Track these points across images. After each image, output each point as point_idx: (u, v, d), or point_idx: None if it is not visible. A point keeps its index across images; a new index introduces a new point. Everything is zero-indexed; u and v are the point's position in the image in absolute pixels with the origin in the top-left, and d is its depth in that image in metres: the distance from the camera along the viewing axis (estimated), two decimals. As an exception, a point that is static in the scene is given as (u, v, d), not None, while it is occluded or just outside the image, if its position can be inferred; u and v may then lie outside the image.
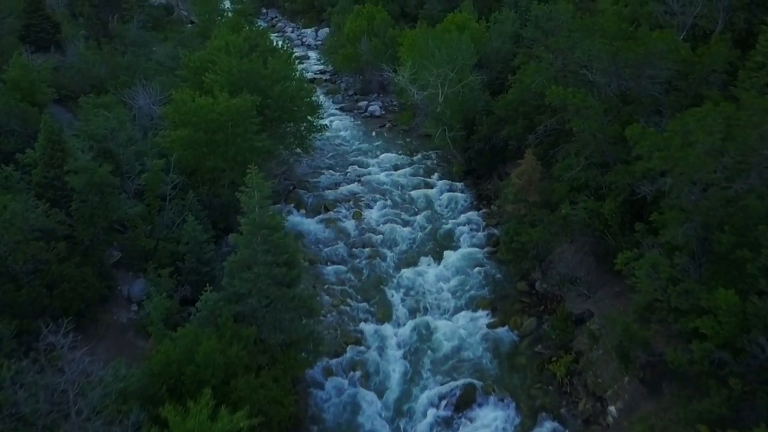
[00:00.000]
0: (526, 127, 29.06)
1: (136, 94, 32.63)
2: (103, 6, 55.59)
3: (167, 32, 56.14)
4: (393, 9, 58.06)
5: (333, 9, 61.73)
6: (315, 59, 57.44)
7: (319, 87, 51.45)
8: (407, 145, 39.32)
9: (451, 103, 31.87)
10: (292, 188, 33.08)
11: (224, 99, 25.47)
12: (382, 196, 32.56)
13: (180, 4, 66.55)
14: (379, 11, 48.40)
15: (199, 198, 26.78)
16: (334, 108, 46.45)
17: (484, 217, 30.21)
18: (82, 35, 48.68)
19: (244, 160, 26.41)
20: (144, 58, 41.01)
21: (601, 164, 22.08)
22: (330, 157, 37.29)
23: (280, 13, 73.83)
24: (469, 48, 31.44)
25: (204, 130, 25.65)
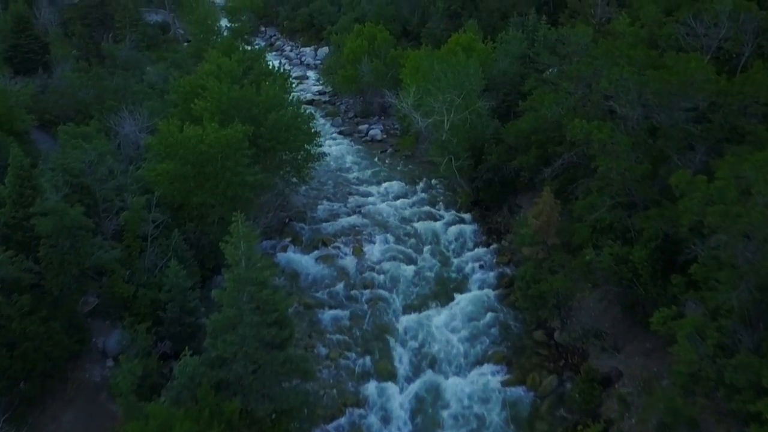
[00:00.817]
0: (539, 157, 27.00)
1: (122, 121, 30.69)
2: (96, 25, 54.09)
3: (162, 52, 54.49)
4: (394, 28, 56.45)
5: (332, 28, 60.20)
6: (314, 79, 55.66)
7: (318, 109, 49.60)
8: (410, 172, 37.24)
9: (457, 130, 29.84)
10: (287, 221, 30.91)
11: (214, 129, 23.42)
12: (384, 230, 30.38)
13: (177, 23, 64.99)
14: (380, 31, 46.65)
15: (186, 236, 24.63)
16: (333, 131, 44.49)
17: (495, 254, 28.00)
18: (73, 55, 47.07)
19: (234, 195, 24.37)
20: (135, 80, 39.18)
21: (627, 204, 19.92)
22: (329, 186, 35.17)
23: (279, 32, 72.30)
24: (477, 72, 29.50)
25: (192, 163, 23.57)
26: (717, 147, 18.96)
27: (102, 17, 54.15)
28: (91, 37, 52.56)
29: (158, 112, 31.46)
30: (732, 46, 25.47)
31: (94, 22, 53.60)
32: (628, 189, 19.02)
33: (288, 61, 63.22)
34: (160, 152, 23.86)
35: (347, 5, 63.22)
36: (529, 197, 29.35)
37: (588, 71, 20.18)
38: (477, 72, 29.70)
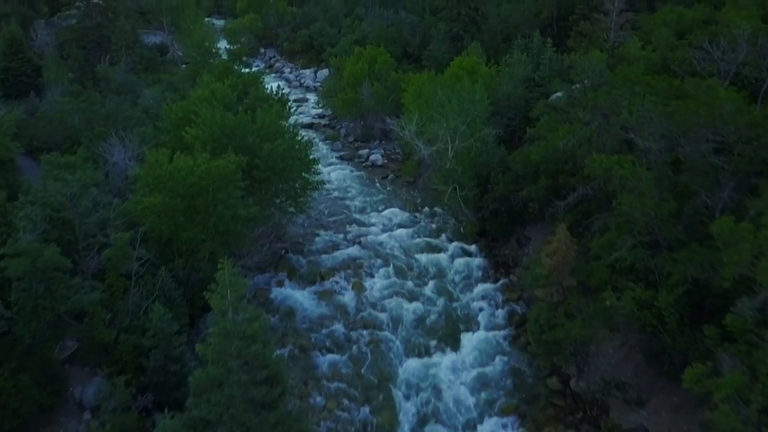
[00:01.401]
0: (549, 187, 25.59)
1: (111, 148, 29.37)
2: (92, 47, 53.17)
3: (160, 74, 53.54)
4: (395, 50, 55.64)
5: (332, 50, 59.40)
6: (313, 102, 54.50)
7: (318, 132, 48.41)
8: (412, 199, 35.81)
9: (462, 158, 28.48)
10: (284, 252, 29.35)
11: (205, 160, 22.01)
12: (385, 262, 28.81)
13: (175, 45, 64.26)
14: (381, 53, 45.66)
15: (174, 273, 23.07)
16: (333, 156, 43.20)
17: (503, 290, 26.39)
18: (68, 78, 46.09)
19: (226, 229, 22.87)
20: (129, 104, 37.94)
21: (649, 243, 18.41)
22: (327, 215, 33.69)
23: (279, 53, 71.59)
24: (482, 99, 28.20)
25: (181, 196, 22.11)
26: (746, 181, 17.55)
27: (98, 39, 53.24)
28: (87, 59, 51.67)
29: (150, 139, 30.12)
30: (751, 71, 24.28)
31: (90, 44, 52.68)
32: (651, 228, 17.54)
33: (287, 83, 62.34)
34: (148, 184, 22.40)
35: (347, 27, 62.60)
36: (539, 229, 27.90)
37: (606, 101, 18.83)
38: (483, 98, 28.43)
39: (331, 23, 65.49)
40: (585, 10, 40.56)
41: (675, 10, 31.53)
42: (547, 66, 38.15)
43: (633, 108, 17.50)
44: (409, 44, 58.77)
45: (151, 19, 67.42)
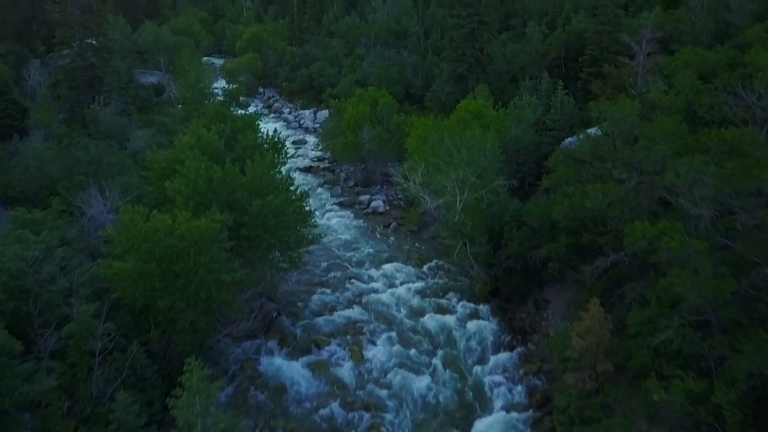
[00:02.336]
0: (570, 246, 23.03)
1: (90, 199, 26.99)
2: (84, 88, 51.52)
3: (154, 115, 51.82)
4: (397, 90, 54.09)
5: (332, 90, 57.90)
6: (313, 144, 52.53)
7: (316, 176, 46.26)
8: (416, 251, 33.21)
9: (471, 211, 26.02)
10: (275, 315, 26.54)
11: (185, 219, 19.49)
12: (388, 326, 26.01)
13: (171, 84, 62.88)
14: (383, 95, 43.84)
15: (148, 347, 20.30)
16: (332, 202, 40.85)
17: (521, 361, 23.51)
18: (57, 120, 44.24)
19: (209, 296, 20.19)
20: (116, 149, 35.80)
21: (698, 323, 15.71)
22: (324, 269, 31.01)
23: (278, 93, 70.25)
24: (494, 148, 25.93)
25: (158, 259, 19.52)
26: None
27: (91, 80, 51.63)
28: (78, 100, 50.00)
29: (133, 189, 27.84)
30: (791, 119, 22.08)
31: (81, 85, 51.05)
32: (703, 307, 14.92)
33: (286, 123, 60.66)
34: (122, 245, 19.83)
35: (348, 67, 61.32)
36: (558, 290, 25.21)
37: (645, 157, 16.45)
38: (494, 148, 26.14)
39: (332, 63, 64.30)
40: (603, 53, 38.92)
41: (696, 51, 29.63)
42: (559, 109, 36.29)
43: (681, 169, 15.15)
44: (411, 85, 57.35)
45: (148, 59, 66.24)
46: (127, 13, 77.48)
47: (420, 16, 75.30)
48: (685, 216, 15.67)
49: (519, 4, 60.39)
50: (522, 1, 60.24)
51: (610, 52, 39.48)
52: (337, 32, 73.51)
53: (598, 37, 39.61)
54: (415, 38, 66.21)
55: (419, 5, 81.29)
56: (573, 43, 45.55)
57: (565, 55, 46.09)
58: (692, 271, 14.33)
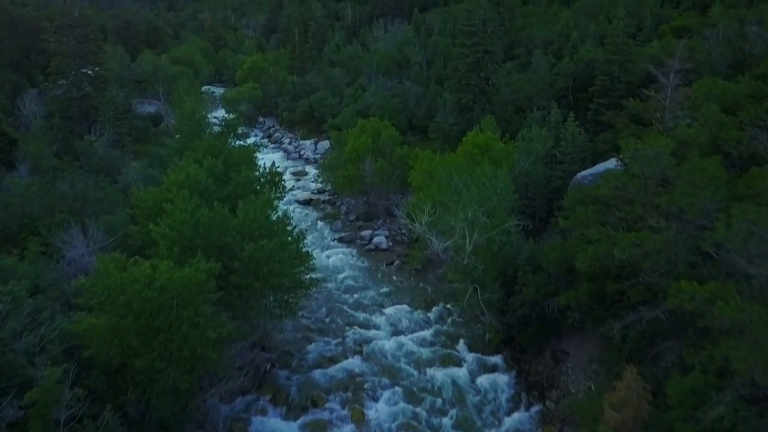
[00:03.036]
0: (592, 293, 20.97)
1: (72, 239, 25.13)
2: (78, 119, 50.24)
3: (151, 145, 50.33)
4: (399, 121, 52.75)
5: (333, 120, 56.60)
6: (313, 175, 50.81)
7: (316, 209, 44.44)
8: (422, 292, 31.11)
9: (482, 253, 24.04)
10: (268, 367, 24.32)
11: (167, 269, 17.53)
12: (392, 380, 23.76)
13: (169, 114, 61.69)
14: (385, 127, 42.32)
15: (125, 411, 18.13)
16: (332, 238, 38.92)
17: (539, 421, 21.20)
18: (49, 152, 42.78)
19: (193, 354, 18.08)
20: (106, 183, 34.09)
21: (749, 397, 13.55)
22: (323, 313, 28.89)
23: (278, 123, 69.02)
24: (506, 186, 24.09)
25: (135, 313, 17.50)
26: None
27: (86, 110, 50.42)
28: (72, 131, 48.67)
29: (118, 229, 26.00)
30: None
31: (76, 115, 49.81)
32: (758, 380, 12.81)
33: (286, 154, 59.21)
34: (96, 297, 17.82)
35: (349, 97, 60.18)
36: (578, 342, 23.04)
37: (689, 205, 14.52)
38: (507, 186, 24.30)
39: (333, 92, 63.20)
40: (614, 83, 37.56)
41: (717, 82, 28.05)
42: (570, 142, 34.65)
43: (734, 222, 13.25)
44: (414, 115, 56.08)
45: (147, 88, 65.25)
46: (128, 42, 77.05)
47: (422, 45, 74.66)
48: (733, 272, 13.70)
49: (523, 34, 59.52)
50: (526, 30, 59.39)
51: (621, 82, 38.14)
52: (338, 61, 72.76)
53: (608, 67, 38.25)
54: (417, 68, 65.32)
55: (421, 34, 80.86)
56: (581, 72, 44.26)
57: (573, 85, 44.74)
58: (751, 342, 12.30)
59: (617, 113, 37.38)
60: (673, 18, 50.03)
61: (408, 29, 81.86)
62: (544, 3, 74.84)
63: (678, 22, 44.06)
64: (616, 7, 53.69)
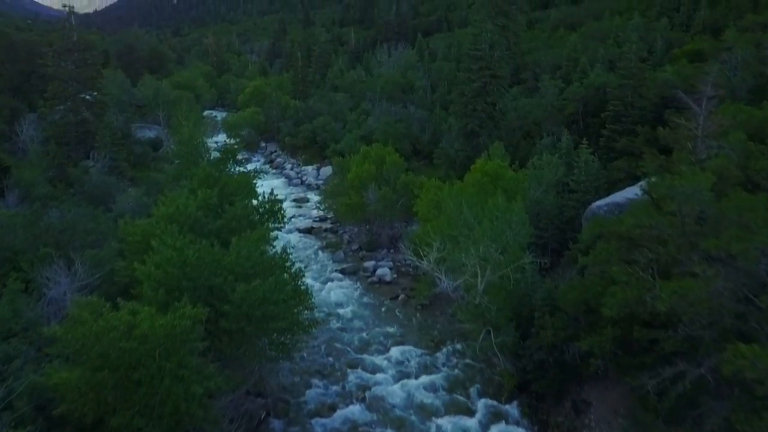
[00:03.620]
0: (617, 338, 19.10)
1: (56, 275, 23.48)
2: (75, 144, 49.13)
3: (150, 171, 49.07)
4: (403, 146, 51.51)
5: (336, 146, 55.37)
6: (315, 202, 49.30)
7: (318, 238, 42.76)
8: (429, 330, 29.16)
9: (495, 292, 22.22)
10: (263, 416, 22.32)
11: (148, 316, 15.79)
12: (396, 431, 21.74)
13: (169, 139, 60.63)
14: (389, 153, 40.91)
15: (99, 475, 16.22)
16: (333, 269, 37.13)
17: (561, 483, 19.16)
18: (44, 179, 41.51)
19: (176, 410, 16.21)
20: (100, 212, 32.58)
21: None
22: (323, 354, 26.96)
23: (280, 148, 67.95)
24: (522, 221, 22.41)
25: (112, 366, 15.70)
26: None
27: (83, 135, 49.32)
28: (69, 156, 47.48)
29: (105, 264, 24.34)
30: None
31: (72, 141, 48.68)
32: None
33: (288, 180, 57.89)
34: (71, 346, 16.06)
35: (352, 122, 59.11)
36: (602, 390, 21.04)
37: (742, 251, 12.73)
38: (522, 219, 22.61)
39: (336, 117, 62.21)
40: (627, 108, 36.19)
41: (741, 108, 26.53)
42: (583, 170, 33.11)
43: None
44: (418, 140, 54.87)
45: (147, 113, 64.37)
46: (130, 67, 76.62)
47: (426, 69, 74.00)
48: None
49: (529, 58, 58.57)
50: (532, 55, 58.44)
51: (635, 108, 36.75)
52: (341, 86, 72.06)
53: (621, 92, 36.90)
54: (421, 92, 64.45)
55: (425, 59, 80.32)
56: (592, 97, 43.01)
57: (584, 110, 43.44)
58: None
59: (632, 139, 36.00)
60: (684, 42, 48.92)
61: (411, 54, 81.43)
62: (548, 27, 74.26)
63: (690, 46, 42.86)
64: (625, 31, 52.81)
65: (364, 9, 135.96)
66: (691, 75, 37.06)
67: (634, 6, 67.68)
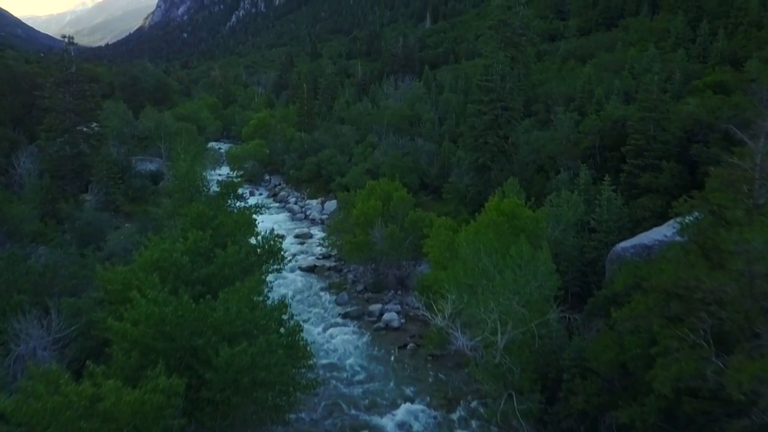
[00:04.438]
0: (663, 409, 16.44)
1: (28, 327, 21.16)
2: (70, 178, 47.52)
3: (147, 205, 47.18)
4: (411, 180, 49.61)
5: (341, 179, 53.50)
6: (319, 237, 47.05)
7: (320, 278, 40.32)
8: (441, 385, 26.40)
9: (517, 351, 19.63)
10: (254, 491, 19.59)
11: (114, 389, 13.36)
12: None
13: (169, 172, 59.04)
14: (396, 188, 38.80)
15: None
16: (336, 313, 34.58)
17: None
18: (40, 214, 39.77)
19: (145, 501, 13.62)
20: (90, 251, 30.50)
21: None
22: (323, 413, 24.24)
23: (285, 181, 66.17)
24: (548, 271, 19.97)
25: (69, 449, 13.21)
26: None
27: (79, 168, 47.74)
28: (64, 191, 45.79)
29: (83, 314, 22.04)
30: None
31: (68, 175, 47.08)
32: None
33: (291, 214, 55.84)
34: (23, 425, 13.60)
35: (358, 155, 57.35)
36: (644, 468, 18.14)
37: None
38: (550, 270, 20.16)
39: (342, 150, 60.52)
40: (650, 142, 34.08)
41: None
42: (605, 208, 30.84)
43: None
44: (426, 174, 52.97)
45: (148, 145, 63.02)
46: (134, 98, 75.80)
47: (434, 102, 72.67)
48: None
49: (540, 89, 56.96)
50: (544, 86, 56.83)
51: (658, 142, 34.61)
52: (348, 118, 70.69)
53: (643, 125, 34.81)
54: (429, 125, 62.84)
55: (432, 91, 79.12)
56: (609, 130, 40.98)
57: (601, 144, 41.37)
58: None
59: (656, 176, 33.80)
60: (702, 73, 47.12)
61: (418, 86, 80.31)
62: (558, 59, 73.03)
63: (712, 78, 41.00)
64: (640, 62, 51.16)
65: (370, 42, 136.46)
66: (717, 107, 35.06)
67: (646, 38, 66.39)
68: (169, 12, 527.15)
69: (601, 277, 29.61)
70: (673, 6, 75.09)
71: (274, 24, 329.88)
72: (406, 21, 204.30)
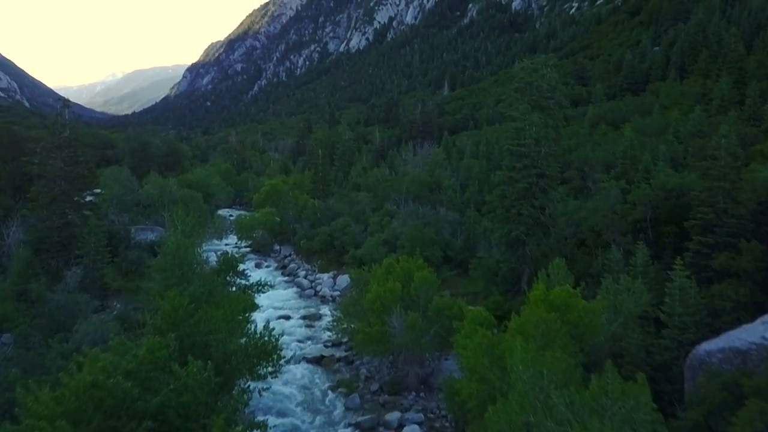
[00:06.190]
0: None
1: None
2: (57, 251, 43.11)
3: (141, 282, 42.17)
4: (433, 253, 44.26)
5: (356, 251, 48.40)
6: (329, 319, 41.20)
7: (328, 372, 34.21)
8: None
9: None
10: None
11: None
12: None
13: (170, 243, 54.60)
14: (418, 267, 33.28)
15: None
16: (346, 421, 28.32)
17: None
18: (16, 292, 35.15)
19: None
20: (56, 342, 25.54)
21: None
22: None
23: (295, 252, 61.23)
24: (653, 420, 14.05)
25: None
26: None
27: (66, 241, 43.29)
28: (48, 266, 41.24)
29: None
30: None
31: (54, 247, 42.63)
32: None
33: (299, 290, 50.34)
34: None
35: (375, 224, 52.46)
36: None
37: None
38: (653, 419, 14.23)
39: (357, 219, 55.87)
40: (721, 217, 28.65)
41: None
42: (677, 298, 24.97)
43: None
44: (449, 246, 47.66)
45: (151, 214, 59.11)
46: (143, 164, 73.06)
47: (454, 168, 68.49)
48: None
49: (574, 155, 52.32)
50: (578, 152, 52.23)
51: (731, 216, 29.11)
52: (364, 185, 66.60)
53: (711, 197, 29.44)
54: (450, 192, 58.23)
55: (452, 157, 75.28)
56: (662, 201, 35.67)
57: (653, 217, 35.94)
58: None
59: (733, 257, 28.03)
60: (757, 138, 42.15)
61: (438, 151, 76.63)
62: (587, 123, 69.04)
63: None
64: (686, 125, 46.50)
65: (389, 109, 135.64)
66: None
67: (679, 101, 62.14)
68: (194, 82, 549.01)
69: (676, 386, 23.45)
70: (705, 69, 71.54)
71: (294, 92, 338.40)
72: (423, 89, 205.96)
